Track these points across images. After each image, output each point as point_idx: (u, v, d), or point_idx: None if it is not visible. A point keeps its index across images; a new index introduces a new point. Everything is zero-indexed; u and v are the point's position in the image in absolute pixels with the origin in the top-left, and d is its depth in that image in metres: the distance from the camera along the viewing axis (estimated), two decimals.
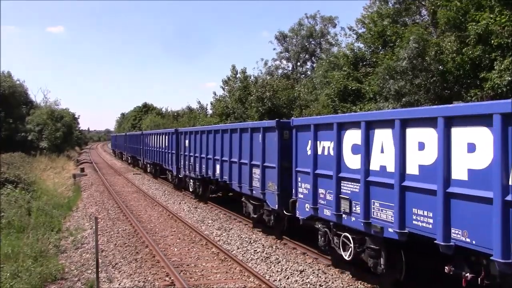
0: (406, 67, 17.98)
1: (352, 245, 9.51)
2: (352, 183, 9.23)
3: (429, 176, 7.38)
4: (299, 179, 11.42)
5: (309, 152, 10.79)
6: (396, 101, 18.61)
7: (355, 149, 9.13)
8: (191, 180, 21.75)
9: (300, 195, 11.40)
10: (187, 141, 22.03)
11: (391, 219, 8.11)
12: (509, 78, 15.00)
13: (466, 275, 7.02)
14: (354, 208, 9.17)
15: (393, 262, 8.78)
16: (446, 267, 7.40)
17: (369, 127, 8.73)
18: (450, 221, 6.99)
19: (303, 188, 11.20)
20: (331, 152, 9.86)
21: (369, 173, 8.72)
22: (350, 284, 9.74)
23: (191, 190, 22.09)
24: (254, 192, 14.19)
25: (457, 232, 6.92)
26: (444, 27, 17.98)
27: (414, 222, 7.70)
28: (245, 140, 14.72)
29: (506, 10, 15.38)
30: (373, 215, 8.64)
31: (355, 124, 9.13)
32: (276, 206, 12.67)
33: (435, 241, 7.18)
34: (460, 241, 6.89)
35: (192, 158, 21.02)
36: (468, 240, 6.76)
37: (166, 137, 26.76)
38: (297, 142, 11.44)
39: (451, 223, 6.99)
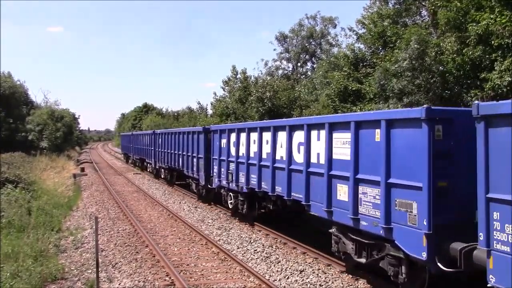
0: (407, 67, 17.98)
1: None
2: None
3: None
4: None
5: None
6: (398, 101, 18.61)
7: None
8: None
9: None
10: None
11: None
12: (510, 79, 14.99)
13: None
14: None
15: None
16: None
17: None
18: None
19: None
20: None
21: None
22: (350, 284, 9.75)
23: None
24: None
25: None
26: (444, 27, 17.98)
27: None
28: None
29: (507, 11, 15.37)
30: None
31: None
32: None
33: None
34: None
35: None
36: None
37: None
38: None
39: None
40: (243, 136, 15.09)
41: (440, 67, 18.01)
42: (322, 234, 12.00)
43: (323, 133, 10.24)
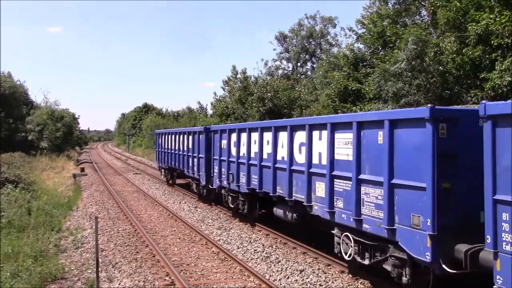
0: (405, 68, 18.00)
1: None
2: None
3: None
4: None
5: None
6: (395, 103, 18.65)
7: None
8: None
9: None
10: None
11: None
12: (510, 79, 15.01)
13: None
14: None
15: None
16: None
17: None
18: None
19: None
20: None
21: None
22: (350, 283, 9.75)
23: None
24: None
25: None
26: (444, 27, 17.99)
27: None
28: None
29: (506, 11, 15.38)
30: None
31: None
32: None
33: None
34: None
35: None
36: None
37: None
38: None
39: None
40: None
41: (440, 67, 18.03)
42: (323, 234, 12.00)
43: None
